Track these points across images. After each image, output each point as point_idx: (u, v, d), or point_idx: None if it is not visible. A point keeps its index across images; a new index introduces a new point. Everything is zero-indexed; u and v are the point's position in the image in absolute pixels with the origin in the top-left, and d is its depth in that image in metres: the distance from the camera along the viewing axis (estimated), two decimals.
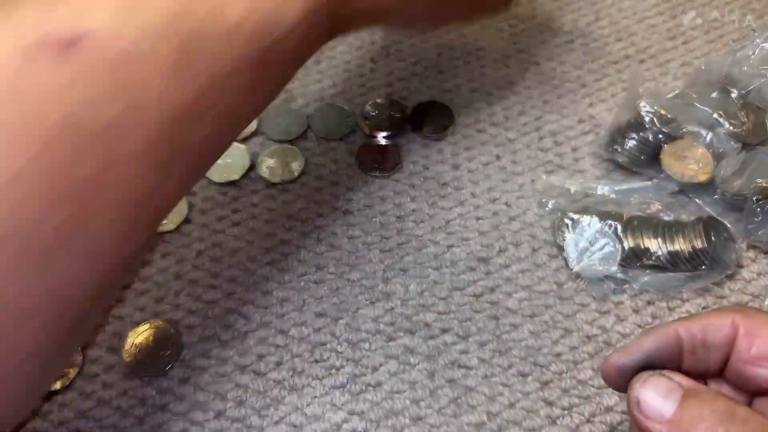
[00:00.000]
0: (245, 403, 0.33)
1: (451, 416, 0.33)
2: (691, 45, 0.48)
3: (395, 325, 0.35)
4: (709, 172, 0.39)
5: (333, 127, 0.43)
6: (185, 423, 0.32)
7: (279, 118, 0.44)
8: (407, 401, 0.33)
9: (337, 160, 0.42)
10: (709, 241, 0.36)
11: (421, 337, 0.35)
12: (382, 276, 0.37)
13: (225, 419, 0.32)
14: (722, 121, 0.40)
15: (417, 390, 0.33)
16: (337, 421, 0.32)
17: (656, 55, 0.48)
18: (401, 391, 0.33)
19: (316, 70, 0.46)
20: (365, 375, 0.34)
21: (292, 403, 0.33)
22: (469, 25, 0.48)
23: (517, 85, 0.46)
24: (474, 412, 0.33)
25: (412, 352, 0.34)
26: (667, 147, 0.40)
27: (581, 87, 0.46)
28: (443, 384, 0.33)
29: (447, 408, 0.33)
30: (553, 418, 0.32)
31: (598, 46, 0.48)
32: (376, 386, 0.33)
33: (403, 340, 0.35)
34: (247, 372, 0.34)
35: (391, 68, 0.47)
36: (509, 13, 0.50)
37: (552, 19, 0.50)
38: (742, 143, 0.40)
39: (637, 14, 0.50)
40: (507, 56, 0.47)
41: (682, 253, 0.36)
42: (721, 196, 0.39)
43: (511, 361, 0.34)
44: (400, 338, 0.35)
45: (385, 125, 0.43)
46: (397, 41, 0.48)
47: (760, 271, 0.37)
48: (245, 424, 0.32)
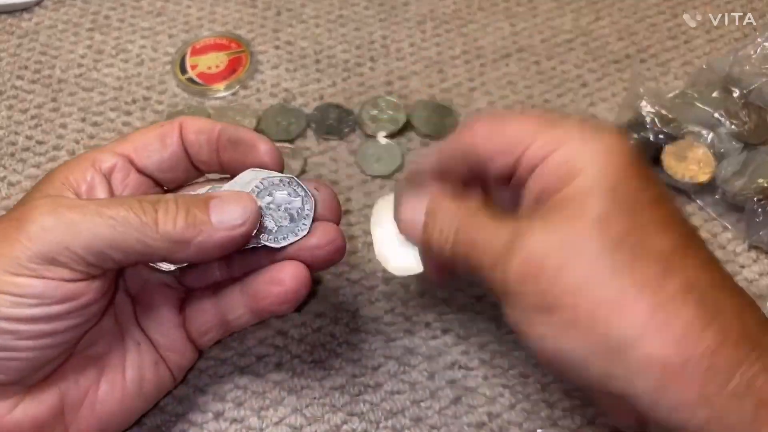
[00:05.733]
0: (244, 404, 0.33)
1: (451, 417, 0.32)
2: (692, 44, 0.48)
3: (395, 325, 0.35)
4: (710, 172, 0.39)
5: (333, 126, 0.43)
6: (184, 424, 0.32)
7: (279, 118, 0.43)
8: (407, 402, 0.33)
9: (337, 160, 0.42)
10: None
11: (422, 338, 0.35)
12: (382, 276, 0.37)
13: (224, 420, 0.32)
14: (723, 121, 0.40)
15: (417, 391, 0.33)
16: (337, 423, 0.32)
17: (657, 55, 0.47)
18: (401, 391, 0.33)
19: (316, 69, 0.46)
20: (365, 376, 0.34)
21: (291, 405, 0.33)
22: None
23: (517, 84, 0.46)
24: (474, 413, 0.32)
25: (412, 353, 0.34)
26: (668, 147, 0.40)
27: (582, 86, 0.46)
28: (443, 385, 0.33)
29: (447, 409, 0.33)
30: (554, 420, 0.32)
31: (598, 45, 0.48)
32: (375, 387, 0.33)
33: (403, 341, 0.35)
34: (247, 373, 0.34)
35: (391, 68, 0.46)
36: (509, 13, 0.50)
37: (552, 19, 0.50)
38: (744, 143, 0.40)
39: (638, 13, 0.50)
40: (507, 56, 0.47)
41: None
42: (722, 196, 0.39)
43: (511, 362, 0.34)
44: (400, 339, 0.35)
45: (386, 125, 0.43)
46: (396, 39, 0.48)
47: (762, 272, 0.37)
48: (244, 425, 0.32)
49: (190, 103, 0.44)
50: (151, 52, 0.47)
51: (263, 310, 0.29)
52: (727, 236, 0.39)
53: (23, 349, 0.24)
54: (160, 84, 0.45)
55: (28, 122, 0.43)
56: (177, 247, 0.25)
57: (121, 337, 0.29)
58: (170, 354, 0.30)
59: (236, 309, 0.29)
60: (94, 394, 0.28)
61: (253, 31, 0.48)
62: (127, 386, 0.29)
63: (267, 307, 0.28)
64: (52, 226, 0.24)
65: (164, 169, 0.29)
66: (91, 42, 0.48)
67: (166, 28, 0.48)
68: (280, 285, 0.28)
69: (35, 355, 0.25)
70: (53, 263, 0.24)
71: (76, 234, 0.24)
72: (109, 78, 0.46)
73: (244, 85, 0.45)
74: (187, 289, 0.31)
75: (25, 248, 0.23)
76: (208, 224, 0.25)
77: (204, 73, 0.46)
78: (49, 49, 0.47)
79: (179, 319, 0.30)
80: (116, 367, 0.29)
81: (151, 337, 0.30)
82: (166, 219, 0.25)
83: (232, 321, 0.30)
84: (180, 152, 0.29)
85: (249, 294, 0.29)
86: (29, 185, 0.40)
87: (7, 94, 0.45)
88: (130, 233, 0.24)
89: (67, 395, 0.27)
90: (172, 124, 0.29)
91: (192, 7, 0.50)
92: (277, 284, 0.28)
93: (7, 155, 0.42)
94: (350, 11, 0.50)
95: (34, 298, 0.24)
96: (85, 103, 0.44)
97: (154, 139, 0.29)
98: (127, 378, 0.29)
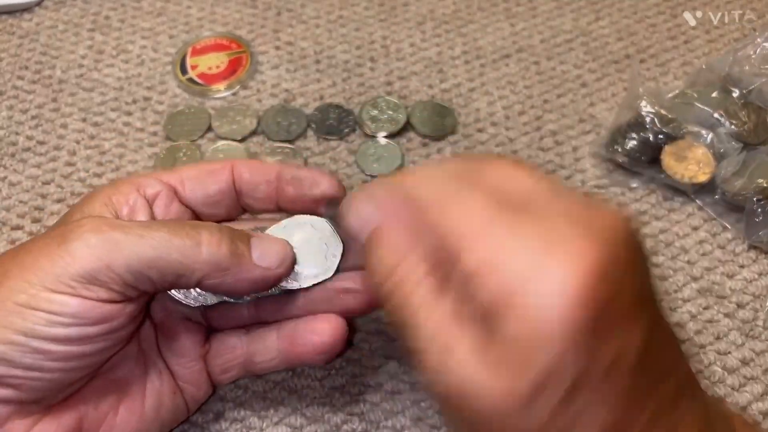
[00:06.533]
0: (244, 404, 0.33)
1: None
2: (691, 44, 0.48)
3: None
4: (709, 172, 0.39)
5: (333, 127, 0.43)
6: (184, 424, 0.32)
7: (279, 118, 0.43)
8: (407, 402, 0.33)
9: (337, 160, 0.42)
10: None
11: None
12: None
13: (224, 420, 0.32)
14: (723, 121, 0.40)
15: (417, 391, 0.33)
16: (337, 422, 0.32)
17: (657, 55, 0.47)
18: (401, 391, 0.33)
19: (316, 69, 0.46)
20: (365, 376, 0.34)
21: (291, 404, 0.33)
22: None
23: (517, 85, 0.46)
24: None
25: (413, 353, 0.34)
26: (668, 147, 0.40)
27: (581, 86, 0.46)
28: None
29: None
30: None
31: (598, 45, 0.48)
32: (375, 387, 0.33)
33: None
34: None
35: (391, 68, 0.46)
36: (509, 13, 0.50)
37: (552, 19, 0.50)
38: (743, 143, 0.40)
39: (638, 13, 0.50)
40: (507, 56, 0.47)
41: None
42: (722, 196, 0.39)
43: None
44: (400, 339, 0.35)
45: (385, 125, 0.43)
46: (396, 40, 0.48)
47: (761, 272, 0.37)
48: (244, 425, 0.32)
49: (190, 104, 0.44)
50: (151, 52, 0.47)
51: (297, 357, 0.29)
52: (727, 236, 0.39)
53: (51, 370, 0.24)
54: (160, 84, 0.45)
55: (29, 122, 0.43)
56: (215, 273, 0.25)
57: (144, 363, 0.29)
58: (187, 386, 0.30)
59: (268, 352, 0.29)
60: (113, 419, 0.28)
61: (253, 32, 0.48)
62: (146, 413, 0.28)
63: (303, 354, 0.28)
64: (96, 244, 0.24)
65: (208, 203, 0.30)
66: (91, 42, 0.48)
67: (166, 28, 0.49)
68: (321, 335, 0.28)
69: (61, 377, 0.25)
70: (93, 282, 0.24)
71: (119, 253, 0.24)
72: (110, 78, 0.46)
73: (244, 85, 0.45)
74: (210, 326, 0.31)
75: (67, 265, 0.23)
76: (248, 258, 0.26)
77: (204, 73, 0.46)
78: (49, 50, 0.47)
79: (201, 353, 0.30)
80: (136, 393, 0.28)
81: (171, 367, 0.30)
82: (211, 241, 0.25)
83: (259, 364, 0.30)
84: (227, 190, 0.30)
85: (287, 339, 0.29)
86: (30, 185, 0.40)
87: (8, 95, 0.45)
88: (172, 254, 0.24)
89: (85, 418, 0.27)
90: (224, 163, 0.30)
91: (192, 8, 0.50)
92: (318, 334, 0.28)
93: (8, 155, 0.42)
94: (350, 11, 0.50)
95: (70, 317, 0.23)
96: (85, 103, 0.44)
97: (204, 174, 0.30)
98: (146, 405, 0.28)
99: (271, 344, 0.29)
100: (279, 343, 0.29)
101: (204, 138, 0.43)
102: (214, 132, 0.43)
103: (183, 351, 0.30)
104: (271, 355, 0.29)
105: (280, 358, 0.29)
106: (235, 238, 0.26)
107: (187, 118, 0.44)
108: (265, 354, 0.29)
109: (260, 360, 0.29)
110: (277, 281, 0.27)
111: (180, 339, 0.29)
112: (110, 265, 0.24)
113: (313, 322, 0.28)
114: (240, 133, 0.43)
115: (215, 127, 0.43)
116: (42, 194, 0.40)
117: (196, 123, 0.43)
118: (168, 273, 0.25)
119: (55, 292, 0.23)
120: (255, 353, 0.30)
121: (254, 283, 0.26)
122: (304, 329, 0.28)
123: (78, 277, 0.23)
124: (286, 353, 0.29)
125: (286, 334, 0.29)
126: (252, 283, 0.26)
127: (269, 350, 0.29)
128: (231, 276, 0.26)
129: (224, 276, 0.25)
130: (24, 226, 0.39)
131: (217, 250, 0.25)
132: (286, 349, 0.29)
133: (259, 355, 0.29)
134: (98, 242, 0.24)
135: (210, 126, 0.43)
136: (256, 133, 0.43)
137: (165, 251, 0.24)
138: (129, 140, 0.43)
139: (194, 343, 0.30)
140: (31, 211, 0.39)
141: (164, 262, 0.24)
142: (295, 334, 0.28)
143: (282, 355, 0.29)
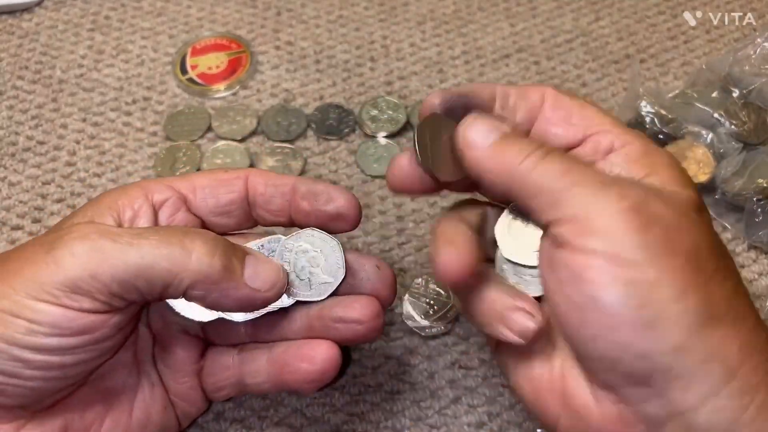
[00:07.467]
0: (244, 404, 0.33)
1: (451, 417, 0.32)
2: (691, 44, 0.48)
3: (395, 325, 0.35)
4: (709, 172, 0.39)
5: (333, 127, 0.43)
6: None
7: (279, 118, 0.43)
8: (407, 402, 0.33)
9: (337, 160, 0.42)
10: None
11: (422, 338, 0.35)
12: None
13: (224, 420, 0.32)
14: (723, 121, 0.40)
15: (417, 391, 0.33)
16: (337, 423, 0.32)
17: (657, 55, 0.47)
18: (401, 391, 0.33)
19: (316, 69, 0.46)
20: (365, 376, 0.34)
21: (291, 405, 0.33)
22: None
23: (517, 84, 0.46)
24: (474, 413, 0.33)
25: (412, 353, 0.34)
26: (668, 147, 0.40)
27: (582, 86, 0.46)
28: (443, 385, 0.33)
29: (447, 409, 0.33)
30: None
31: (598, 45, 0.48)
32: (375, 387, 0.33)
33: (403, 340, 0.35)
34: None
35: (391, 68, 0.46)
36: (509, 13, 0.50)
37: (552, 19, 0.50)
38: (743, 143, 0.40)
39: (638, 13, 0.50)
40: (507, 56, 0.47)
41: None
42: (722, 196, 0.39)
43: None
44: (400, 339, 0.35)
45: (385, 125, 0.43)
46: (396, 40, 0.48)
47: (761, 272, 0.37)
48: (244, 425, 0.32)
49: (190, 104, 0.44)
50: (151, 52, 0.47)
51: (286, 383, 0.28)
52: (727, 236, 0.39)
53: (30, 378, 0.24)
54: (160, 84, 0.45)
55: (29, 122, 0.43)
56: (202, 284, 0.24)
57: (137, 373, 0.29)
58: (180, 401, 0.30)
59: (259, 374, 0.29)
60: (98, 429, 0.27)
61: (253, 32, 0.48)
62: (132, 427, 0.28)
63: (291, 381, 0.28)
64: (81, 253, 0.23)
65: (217, 213, 0.29)
66: (91, 42, 0.48)
67: (166, 28, 0.49)
68: (311, 363, 0.27)
69: (42, 385, 0.24)
70: (76, 291, 0.23)
71: (105, 261, 0.23)
72: (110, 78, 0.46)
73: (244, 85, 0.45)
74: (208, 342, 0.30)
75: (52, 273, 0.23)
76: (239, 275, 0.25)
77: (204, 73, 0.46)
78: (49, 50, 0.47)
79: (195, 370, 0.29)
80: (124, 405, 0.28)
81: (164, 382, 0.29)
82: (204, 251, 0.24)
83: (251, 385, 0.29)
84: (239, 201, 0.29)
85: (276, 363, 0.28)
86: (30, 185, 0.40)
87: (8, 95, 0.45)
88: (161, 262, 0.24)
89: (71, 426, 0.26)
90: (238, 173, 0.29)
91: (192, 8, 0.50)
92: (308, 361, 0.27)
93: (8, 155, 0.42)
94: (350, 11, 0.50)
95: (49, 327, 0.23)
96: (85, 103, 0.44)
97: (217, 183, 0.29)
98: (133, 418, 0.28)
99: (261, 366, 0.29)
100: (268, 367, 0.28)
101: (204, 138, 0.43)
102: (214, 132, 0.43)
103: (177, 365, 0.29)
104: (261, 377, 0.28)
105: (269, 383, 0.29)
106: (229, 252, 0.25)
107: (187, 118, 0.44)
108: (256, 376, 0.29)
109: (251, 382, 0.29)
110: (264, 304, 0.26)
111: (175, 352, 0.29)
112: (95, 275, 0.23)
113: (304, 347, 0.28)
114: (240, 133, 0.43)
115: (215, 127, 0.43)
116: (42, 194, 0.40)
117: (196, 123, 0.43)
118: (156, 282, 0.24)
119: (38, 300, 0.23)
120: (246, 374, 0.29)
121: (239, 302, 0.26)
122: (294, 355, 0.28)
123: (61, 286, 0.23)
124: (275, 378, 0.28)
125: (275, 358, 0.28)
126: (237, 301, 0.25)
127: (260, 373, 0.28)
128: (217, 290, 0.25)
129: (210, 289, 0.25)
130: (24, 226, 0.39)
131: (209, 260, 0.24)
132: (275, 373, 0.28)
133: (249, 377, 0.29)
134: (84, 251, 0.23)
135: (210, 126, 0.43)
136: (256, 133, 0.43)
137: (153, 259, 0.24)
138: (129, 140, 0.43)
139: (189, 358, 0.29)
140: (31, 211, 0.39)
141: (152, 271, 0.24)
142: (285, 358, 0.28)
143: (271, 379, 0.28)
